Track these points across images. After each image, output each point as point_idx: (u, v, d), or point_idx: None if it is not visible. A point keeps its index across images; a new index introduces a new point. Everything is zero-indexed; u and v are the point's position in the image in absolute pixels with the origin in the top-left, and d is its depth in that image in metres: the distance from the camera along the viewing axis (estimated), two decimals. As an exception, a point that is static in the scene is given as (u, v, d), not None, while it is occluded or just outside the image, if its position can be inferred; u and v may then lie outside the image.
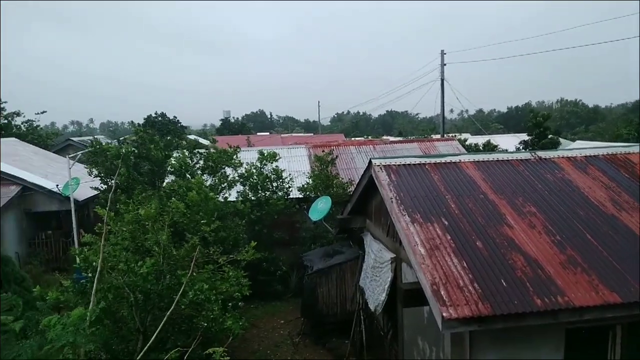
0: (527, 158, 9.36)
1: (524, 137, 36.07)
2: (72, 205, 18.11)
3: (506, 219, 7.55)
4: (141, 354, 6.00)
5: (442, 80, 34.23)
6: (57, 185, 19.79)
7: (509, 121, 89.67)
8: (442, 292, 6.03)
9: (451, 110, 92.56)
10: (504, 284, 6.22)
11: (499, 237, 7.12)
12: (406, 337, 9.37)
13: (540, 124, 33.35)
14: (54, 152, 31.58)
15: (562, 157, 9.37)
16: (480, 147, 36.23)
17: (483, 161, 9.24)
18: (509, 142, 38.82)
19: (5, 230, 19.34)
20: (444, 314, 5.73)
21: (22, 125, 37.06)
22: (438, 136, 35.87)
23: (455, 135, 37.31)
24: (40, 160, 25.76)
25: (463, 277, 6.30)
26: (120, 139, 26.71)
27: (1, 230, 19.00)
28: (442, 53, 34.34)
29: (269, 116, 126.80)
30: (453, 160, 9.24)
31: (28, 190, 20.54)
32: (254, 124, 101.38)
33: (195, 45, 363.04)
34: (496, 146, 37.74)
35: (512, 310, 5.85)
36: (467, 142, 36.86)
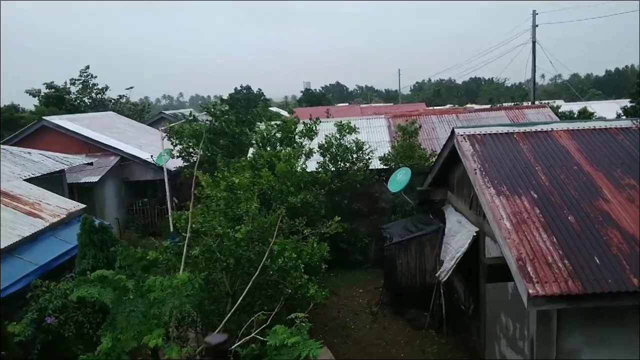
0: (628, 126, 8.66)
1: (626, 103, 33.13)
2: (165, 174, 19.28)
3: (602, 192, 7.08)
4: (229, 315, 6.39)
5: (534, 42, 32.07)
6: (152, 156, 21.11)
7: (607, 86, 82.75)
8: (529, 268, 5.82)
9: (542, 76, 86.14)
10: (597, 261, 5.89)
11: (593, 211, 6.71)
12: (488, 313, 9.18)
13: None
14: (148, 125, 33.64)
15: (670, 126, 8.57)
16: (575, 115, 33.82)
17: (578, 130, 8.67)
18: (608, 109, 35.83)
19: (106, 198, 21.10)
20: (530, 291, 5.55)
21: (116, 99, 40.03)
22: (528, 103, 33.87)
23: (548, 103, 34.97)
24: (135, 132, 27.56)
25: (552, 253, 6.03)
26: (197, 115, 27.93)
27: (103, 197, 20.77)
28: (534, 13, 32.09)
29: (346, 87, 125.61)
30: (544, 129, 8.75)
31: (125, 160, 22.20)
32: (333, 94, 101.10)
33: (278, 18, 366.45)
34: (592, 114, 35.03)
35: (606, 289, 5.55)
36: (561, 110, 34.51)
